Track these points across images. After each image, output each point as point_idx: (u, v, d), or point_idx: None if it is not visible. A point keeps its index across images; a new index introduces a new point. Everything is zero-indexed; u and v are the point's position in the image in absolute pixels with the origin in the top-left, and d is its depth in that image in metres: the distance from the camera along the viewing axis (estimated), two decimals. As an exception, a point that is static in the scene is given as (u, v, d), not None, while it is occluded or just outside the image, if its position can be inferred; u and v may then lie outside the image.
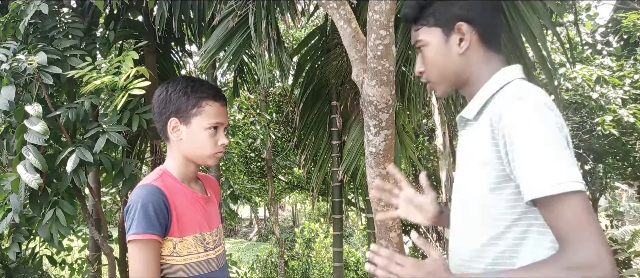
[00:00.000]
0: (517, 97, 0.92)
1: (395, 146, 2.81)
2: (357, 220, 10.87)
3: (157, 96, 1.39)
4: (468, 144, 1.06)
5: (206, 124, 1.34)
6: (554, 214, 0.85)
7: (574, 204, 0.83)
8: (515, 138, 0.89)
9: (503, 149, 0.92)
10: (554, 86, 2.77)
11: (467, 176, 1.05)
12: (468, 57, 1.05)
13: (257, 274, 9.62)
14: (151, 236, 1.23)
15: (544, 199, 0.85)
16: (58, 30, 2.85)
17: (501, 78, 1.02)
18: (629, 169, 5.30)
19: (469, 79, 1.07)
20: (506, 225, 0.95)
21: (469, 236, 1.04)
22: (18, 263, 3.06)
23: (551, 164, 0.85)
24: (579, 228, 0.82)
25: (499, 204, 0.96)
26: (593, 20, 5.74)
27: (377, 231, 2.28)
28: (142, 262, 1.23)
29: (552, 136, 0.87)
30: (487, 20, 1.04)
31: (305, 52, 4.28)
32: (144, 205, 1.23)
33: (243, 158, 7.83)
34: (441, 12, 1.06)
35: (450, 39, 1.06)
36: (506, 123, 0.90)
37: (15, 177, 2.49)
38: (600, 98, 4.34)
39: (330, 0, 2.04)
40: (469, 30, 1.04)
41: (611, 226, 6.90)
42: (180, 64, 4.43)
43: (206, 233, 1.38)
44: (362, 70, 2.02)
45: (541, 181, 0.85)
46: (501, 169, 0.93)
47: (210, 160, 1.38)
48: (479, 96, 1.03)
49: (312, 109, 4.34)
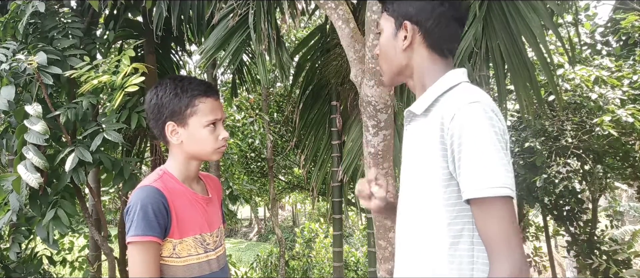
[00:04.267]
0: (469, 100, 0.96)
1: (394, 146, 2.81)
2: (357, 220, 10.88)
3: (149, 102, 1.37)
4: (414, 139, 1.09)
5: (204, 122, 1.33)
6: (483, 215, 0.91)
7: (502, 208, 0.90)
8: (464, 138, 0.93)
9: (449, 148, 0.96)
10: (554, 86, 2.77)
11: (412, 171, 1.08)
12: (410, 55, 1.10)
13: (257, 274, 9.62)
14: (150, 238, 1.23)
15: (478, 200, 0.91)
16: (58, 30, 2.86)
17: (449, 80, 1.06)
18: (629, 170, 5.29)
19: (412, 74, 1.12)
20: (447, 223, 0.99)
21: (411, 228, 1.08)
22: (18, 263, 3.06)
23: (491, 169, 0.90)
24: (502, 236, 0.89)
25: (439, 201, 0.99)
26: (592, 21, 5.74)
27: (376, 232, 2.28)
28: (141, 264, 1.23)
29: (497, 142, 0.92)
30: (433, 26, 1.07)
31: (305, 52, 4.28)
32: (143, 206, 1.23)
33: (243, 158, 7.82)
34: (398, 5, 1.10)
35: (398, 33, 1.10)
36: (457, 123, 0.94)
37: (16, 177, 2.49)
38: (599, 99, 4.34)
39: (329, 0, 2.04)
40: (412, 29, 1.08)
41: (611, 226, 6.89)
42: (180, 64, 4.44)
43: (206, 234, 1.38)
44: (360, 70, 2.03)
45: (480, 183, 0.90)
46: (444, 167, 0.98)
47: (214, 155, 1.37)
48: (428, 94, 1.07)
49: (312, 109, 4.34)
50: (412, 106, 1.10)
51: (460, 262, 0.97)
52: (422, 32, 1.07)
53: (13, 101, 2.51)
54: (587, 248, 5.35)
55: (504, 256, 0.88)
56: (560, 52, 4.90)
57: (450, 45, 1.11)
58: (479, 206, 0.91)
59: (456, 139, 0.94)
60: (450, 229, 0.98)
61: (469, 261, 0.97)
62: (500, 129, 0.95)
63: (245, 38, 3.11)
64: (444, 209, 0.99)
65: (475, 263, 0.96)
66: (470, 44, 2.60)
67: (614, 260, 5.00)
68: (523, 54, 2.58)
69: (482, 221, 0.91)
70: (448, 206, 0.98)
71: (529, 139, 4.80)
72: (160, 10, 3.05)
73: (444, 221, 0.99)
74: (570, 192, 5.44)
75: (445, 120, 0.97)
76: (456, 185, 0.97)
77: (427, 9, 1.06)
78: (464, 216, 0.97)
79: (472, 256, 0.97)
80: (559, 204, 5.71)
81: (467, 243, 0.97)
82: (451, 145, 0.95)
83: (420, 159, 1.04)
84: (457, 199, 0.97)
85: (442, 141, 0.97)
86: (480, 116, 0.93)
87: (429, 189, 1.01)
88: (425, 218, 1.03)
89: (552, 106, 4.86)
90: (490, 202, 0.90)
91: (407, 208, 1.10)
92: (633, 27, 4.95)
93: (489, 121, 0.93)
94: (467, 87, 1.04)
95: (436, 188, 0.99)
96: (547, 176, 4.89)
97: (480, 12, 2.57)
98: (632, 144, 4.80)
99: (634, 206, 11.18)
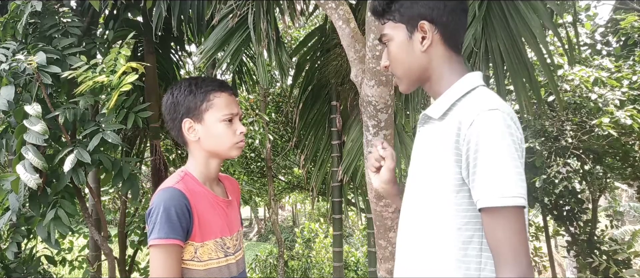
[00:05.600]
0: (489, 107, 0.95)
1: (395, 146, 2.81)
2: (357, 220, 10.87)
3: (165, 103, 1.37)
4: (428, 142, 1.08)
5: (220, 116, 1.33)
6: (493, 223, 0.91)
7: (513, 218, 0.90)
8: (481, 146, 0.93)
9: (465, 154, 0.96)
10: (555, 86, 2.76)
11: (422, 174, 1.07)
12: (430, 55, 1.08)
13: (256, 274, 9.61)
14: (173, 241, 1.21)
15: (490, 208, 0.91)
16: (57, 30, 2.85)
17: (467, 83, 1.06)
18: (629, 170, 5.29)
19: (430, 76, 1.10)
20: (457, 227, 0.99)
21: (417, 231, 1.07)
22: (17, 263, 3.06)
23: (506, 178, 0.90)
24: (509, 245, 0.89)
25: (450, 205, 0.99)
26: (592, 21, 5.74)
27: (376, 232, 2.28)
28: (163, 268, 1.20)
29: (514, 151, 0.92)
30: (449, 21, 1.07)
31: (304, 52, 4.28)
32: (166, 208, 1.21)
33: (243, 158, 7.83)
34: (406, 9, 1.09)
35: (413, 36, 1.08)
36: (475, 130, 0.94)
37: (15, 177, 2.49)
38: (599, 99, 4.33)
39: (329, 0, 2.04)
40: (431, 28, 1.07)
41: (611, 226, 6.89)
42: (179, 64, 4.43)
43: (227, 237, 1.36)
44: (360, 70, 2.02)
45: (493, 191, 0.90)
46: (457, 172, 0.97)
47: (234, 151, 1.36)
48: (446, 98, 1.06)
49: (311, 109, 4.34)
50: (428, 110, 1.09)
51: (467, 268, 0.97)
52: (439, 29, 1.07)
53: (13, 101, 2.50)
54: (587, 248, 5.35)
55: (511, 265, 0.88)
56: (559, 53, 4.90)
57: (462, 38, 1.12)
58: (490, 214, 0.91)
59: (472, 146, 0.94)
60: (460, 234, 0.98)
61: (477, 267, 0.97)
62: (518, 139, 0.95)
63: (245, 38, 3.11)
64: (455, 214, 0.98)
65: (482, 270, 0.96)
66: (469, 44, 2.60)
67: (614, 260, 5.00)
68: (523, 54, 2.58)
69: (491, 229, 0.92)
70: (459, 212, 0.98)
71: (529, 140, 4.80)
72: (160, 10, 3.04)
73: (454, 226, 0.98)
74: (570, 192, 5.44)
75: (463, 126, 0.96)
76: (467, 191, 0.97)
77: (440, 5, 1.06)
78: (476, 222, 0.97)
79: (480, 262, 0.97)
80: (559, 204, 5.71)
81: (476, 249, 0.97)
82: (467, 151, 0.95)
83: (432, 163, 1.04)
84: (469, 205, 0.97)
85: (457, 146, 0.97)
86: (499, 124, 0.93)
87: (439, 193, 1.00)
88: (433, 221, 1.02)
89: (552, 106, 4.86)
90: (502, 211, 0.90)
91: (413, 210, 1.09)
92: (632, 28, 4.95)
93: (507, 130, 0.93)
94: (485, 92, 1.03)
95: (447, 193, 0.99)
96: (547, 177, 4.89)
97: (480, 12, 2.57)
98: (632, 144, 4.80)
99: (634, 206, 11.18)
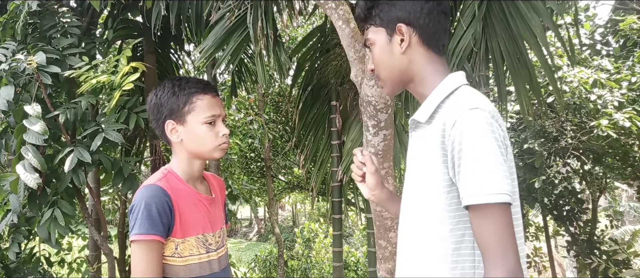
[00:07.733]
0: (470, 106, 0.97)
1: (395, 146, 2.81)
2: (357, 220, 10.86)
3: (149, 103, 1.39)
4: (418, 146, 1.11)
5: (201, 119, 1.34)
6: (479, 221, 0.92)
7: (498, 215, 0.91)
8: (464, 145, 0.94)
9: (450, 154, 0.97)
10: (555, 86, 2.76)
11: (415, 177, 1.09)
12: (409, 56, 1.10)
13: (256, 274, 9.61)
14: (154, 237, 1.24)
15: (475, 206, 0.92)
16: (57, 29, 2.85)
17: (449, 84, 1.07)
18: (629, 170, 5.29)
19: (413, 78, 1.12)
20: (449, 228, 1.00)
21: (414, 233, 1.09)
22: (18, 263, 3.06)
23: (489, 175, 0.91)
24: (497, 242, 0.90)
25: (442, 206, 1.01)
26: (592, 21, 5.73)
27: (376, 232, 2.27)
28: (144, 263, 1.23)
29: (496, 148, 0.93)
30: (427, 22, 1.09)
31: (304, 52, 4.27)
32: (147, 205, 1.23)
33: (242, 158, 7.82)
34: (385, 13, 1.12)
35: (392, 38, 1.11)
36: (458, 129, 0.95)
37: (15, 177, 2.48)
38: (598, 100, 4.33)
39: (329, 0, 2.04)
40: (408, 31, 1.09)
41: (611, 226, 6.89)
42: (179, 64, 4.43)
43: (209, 234, 1.38)
44: (360, 70, 2.02)
45: (477, 189, 0.91)
46: (445, 173, 0.99)
47: (216, 153, 1.37)
48: (430, 101, 1.08)
49: (311, 109, 4.33)
50: (415, 115, 1.11)
51: (463, 267, 0.99)
52: (417, 31, 1.09)
53: (12, 101, 2.50)
54: (587, 248, 5.35)
55: (499, 261, 0.89)
56: (559, 53, 4.90)
57: (444, 40, 1.13)
58: (476, 212, 0.93)
59: (457, 146, 0.95)
60: (452, 234, 0.99)
61: (471, 265, 0.98)
62: (500, 135, 0.96)
63: (244, 38, 3.10)
64: (447, 214, 1.00)
65: (477, 268, 0.98)
66: (469, 44, 2.59)
67: (614, 260, 5.00)
68: (523, 54, 2.57)
69: (478, 227, 0.93)
70: (450, 212, 1.00)
71: (529, 141, 4.79)
72: (159, 9, 3.04)
73: (447, 226, 1.00)
74: (570, 192, 5.44)
75: (447, 126, 0.98)
76: (457, 191, 0.98)
77: (417, 8, 1.08)
78: (466, 221, 0.98)
79: (473, 260, 0.98)
80: (558, 204, 5.71)
81: (469, 248, 0.99)
82: (452, 151, 0.96)
83: (423, 166, 1.06)
84: (458, 205, 0.98)
85: (443, 147, 0.99)
86: (481, 122, 0.94)
87: (431, 195, 1.02)
88: (428, 223, 1.04)
89: (552, 106, 4.85)
90: (487, 208, 0.91)
91: (410, 213, 1.11)
92: (631, 29, 4.95)
93: (489, 128, 0.94)
94: (468, 91, 1.05)
95: (438, 194, 1.01)
96: (547, 177, 4.89)
97: (480, 12, 2.56)
98: (632, 144, 4.80)
99: (634, 206, 11.18)
